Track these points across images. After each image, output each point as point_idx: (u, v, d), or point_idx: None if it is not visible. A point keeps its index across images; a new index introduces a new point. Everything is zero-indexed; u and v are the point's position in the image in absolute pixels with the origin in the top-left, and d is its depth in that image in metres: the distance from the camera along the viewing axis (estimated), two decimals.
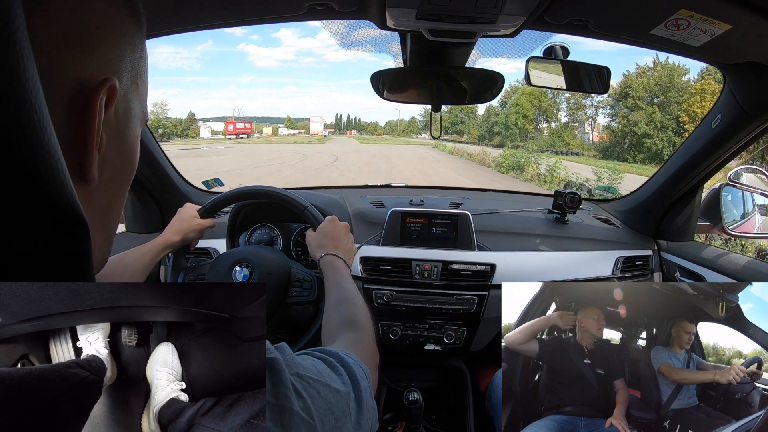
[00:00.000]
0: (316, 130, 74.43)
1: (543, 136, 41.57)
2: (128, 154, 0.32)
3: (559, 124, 42.17)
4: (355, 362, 0.43)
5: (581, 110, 40.52)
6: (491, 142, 44.27)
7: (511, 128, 42.25)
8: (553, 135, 40.53)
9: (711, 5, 0.71)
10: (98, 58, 0.26)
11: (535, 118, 43.00)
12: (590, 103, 39.11)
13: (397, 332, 1.25)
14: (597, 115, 39.60)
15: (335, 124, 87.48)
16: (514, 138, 41.87)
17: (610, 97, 34.32)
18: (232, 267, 0.93)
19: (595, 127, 39.66)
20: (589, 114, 40.23)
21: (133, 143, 0.32)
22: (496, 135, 44.37)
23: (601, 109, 38.55)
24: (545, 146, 37.00)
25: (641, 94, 30.69)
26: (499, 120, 43.96)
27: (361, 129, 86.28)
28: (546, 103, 40.83)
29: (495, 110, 45.58)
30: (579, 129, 40.71)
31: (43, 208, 0.19)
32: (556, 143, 38.37)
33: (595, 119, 40.14)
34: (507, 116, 42.88)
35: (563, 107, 42.22)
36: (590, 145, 38.20)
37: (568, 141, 39.03)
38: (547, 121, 43.06)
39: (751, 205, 1.31)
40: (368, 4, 0.83)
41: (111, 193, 0.31)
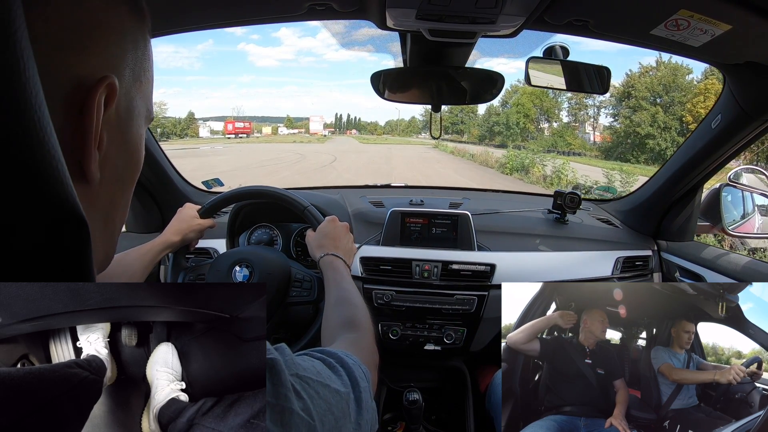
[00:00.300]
0: (315, 129, 74.04)
1: (544, 136, 41.03)
2: (131, 153, 0.31)
3: (561, 123, 41.63)
4: (354, 363, 0.43)
5: (583, 110, 39.99)
6: (492, 142, 43.66)
7: (513, 128, 41.68)
8: (555, 135, 40.04)
9: (711, 5, 0.71)
10: (97, 56, 0.26)
11: (537, 117, 42.46)
12: (592, 102, 38.66)
13: (396, 332, 1.25)
14: (599, 115, 39.18)
15: (335, 123, 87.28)
16: (516, 138, 41.29)
17: (612, 97, 33.91)
18: (232, 267, 0.93)
19: (596, 127, 39.32)
20: (590, 114, 39.79)
21: (136, 142, 0.32)
22: (497, 135, 43.81)
23: (603, 109, 38.15)
24: (547, 146, 36.55)
25: (644, 94, 30.28)
26: (500, 120, 43.38)
27: (361, 129, 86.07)
28: (548, 103, 40.48)
29: (496, 110, 45.07)
30: (580, 129, 40.34)
31: (42, 207, 0.19)
32: (557, 143, 37.98)
33: (597, 119, 39.69)
34: (508, 116, 42.32)
35: (565, 107, 41.69)
36: (592, 145, 37.87)
37: (570, 141, 38.64)
38: (548, 121, 42.52)
39: (751, 205, 1.32)
40: (368, 4, 0.83)
41: (114, 192, 0.30)
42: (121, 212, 0.32)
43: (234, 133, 55.42)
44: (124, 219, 0.33)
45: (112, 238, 0.32)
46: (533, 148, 26.35)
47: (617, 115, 33.80)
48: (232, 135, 54.73)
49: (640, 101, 30.26)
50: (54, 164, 0.19)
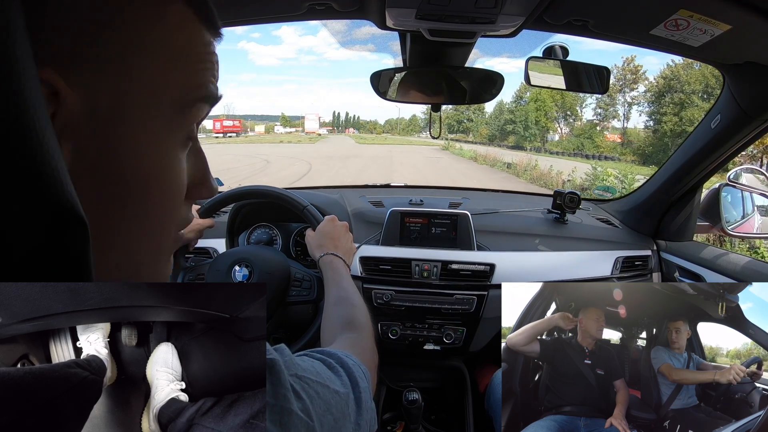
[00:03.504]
0: (311, 128, 72.41)
1: (569, 137, 36.44)
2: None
3: (587, 123, 36.63)
4: (354, 363, 0.43)
5: (611, 107, 35.06)
6: (504, 142, 39.39)
7: (532, 127, 37.42)
8: (581, 136, 35.18)
9: (711, 5, 0.72)
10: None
11: (557, 116, 37.96)
12: (622, 99, 33.99)
13: (396, 332, 1.25)
14: (630, 113, 34.46)
15: (333, 122, 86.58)
16: (534, 139, 37.23)
17: (648, 92, 30.08)
18: (231, 267, 0.93)
19: (625, 126, 34.02)
20: (620, 112, 34.83)
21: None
22: (510, 134, 39.62)
23: (635, 106, 33.69)
24: (572, 149, 32.30)
25: (695, 87, 26.42)
26: (515, 117, 38.69)
27: (360, 127, 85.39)
28: (570, 98, 35.64)
29: (509, 107, 40.54)
30: (609, 129, 35.76)
31: (42, 207, 0.19)
32: (584, 145, 33.23)
33: (629, 117, 34.76)
34: (527, 113, 37.77)
35: (589, 103, 36.35)
36: (625, 147, 32.40)
37: (599, 143, 33.74)
38: (570, 119, 37.87)
39: (751, 205, 1.32)
40: (368, 4, 0.83)
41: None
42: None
43: (222, 132, 53.18)
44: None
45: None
46: (552, 149, 23.96)
47: (656, 113, 29.35)
48: (220, 134, 52.49)
49: (690, 96, 26.33)
50: (54, 164, 0.19)
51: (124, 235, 0.26)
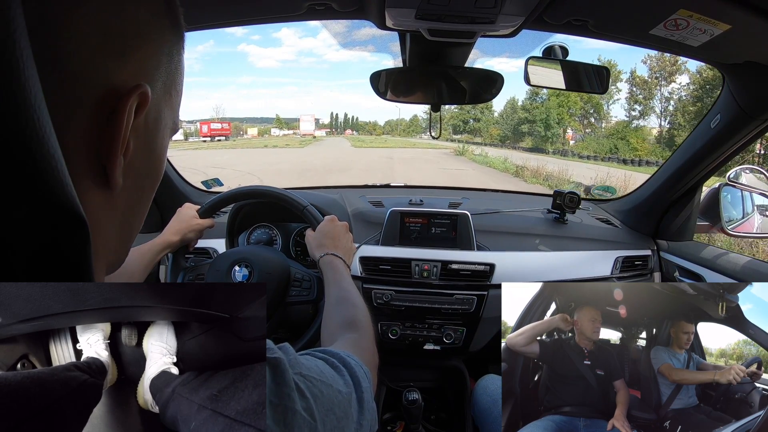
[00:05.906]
0: (306, 130, 69.42)
1: (597, 138, 30.69)
2: (154, 162, 0.32)
3: (622, 122, 31.14)
4: (356, 363, 0.43)
5: (649, 100, 29.02)
6: (519, 144, 33.82)
7: (554, 127, 31.70)
8: (614, 136, 29.54)
9: (710, 5, 0.72)
10: (134, 65, 0.27)
11: (581, 113, 32.18)
12: (660, 93, 28.05)
13: (396, 332, 1.25)
14: (669, 108, 28.23)
15: (331, 123, 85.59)
16: (556, 140, 31.65)
17: (693, 85, 25.89)
18: (231, 267, 0.93)
19: (662, 126, 28.05)
20: (658, 109, 28.86)
21: (160, 152, 0.32)
22: (525, 135, 33.85)
23: (672, 101, 28.20)
24: (603, 152, 27.53)
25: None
26: (533, 116, 32.94)
27: (359, 128, 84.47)
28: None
29: (524, 105, 34.77)
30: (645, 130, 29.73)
31: (42, 208, 0.19)
32: (619, 147, 28.19)
33: (666, 116, 28.22)
34: (548, 110, 32.30)
35: (619, 99, 29.98)
36: (663, 149, 26.55)
37: (636, 145, 28.12)
38: (599, 118, 31.98)
39: (751, 205, 1.32)
40: (367, 4, 0.83)
41: (133, 198, 0.31)
42: (138, 219, 0.33)
43: (210, 136, 48.59)
44: (140, 225, 0.34)
45: (126, 242, 0.33)
46: (581, 152, 19.19)
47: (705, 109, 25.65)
48: (207, 138, 47.83)
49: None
50: (54, 164, 0.19)
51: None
